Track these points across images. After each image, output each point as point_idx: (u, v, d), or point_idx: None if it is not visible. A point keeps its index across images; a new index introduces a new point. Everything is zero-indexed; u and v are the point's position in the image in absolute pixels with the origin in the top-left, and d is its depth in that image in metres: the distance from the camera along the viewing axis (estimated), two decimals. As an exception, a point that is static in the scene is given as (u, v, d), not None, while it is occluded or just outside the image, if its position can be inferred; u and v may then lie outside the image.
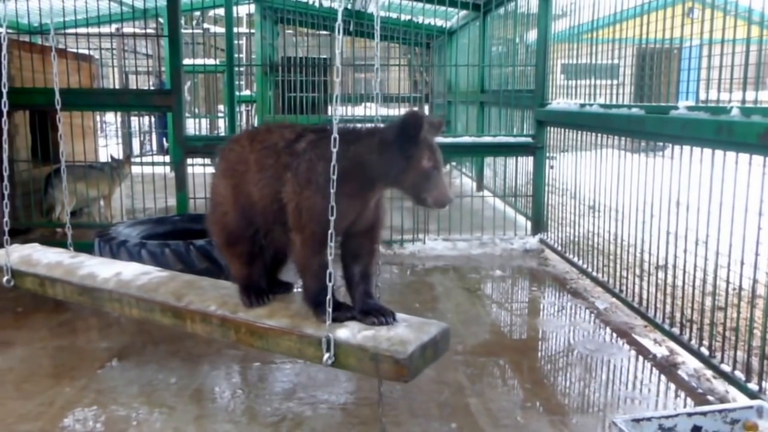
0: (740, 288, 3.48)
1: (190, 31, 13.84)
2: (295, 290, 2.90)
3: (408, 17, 9.28)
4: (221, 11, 10.47)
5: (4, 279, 3.43)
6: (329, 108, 11.27)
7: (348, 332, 2.40)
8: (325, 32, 11.32)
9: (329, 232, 2.30)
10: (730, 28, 3.28)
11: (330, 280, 2.36)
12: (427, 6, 7.81)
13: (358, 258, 2.55)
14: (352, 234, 2.52)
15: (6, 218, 3.63)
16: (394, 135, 2.33)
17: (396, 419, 2.93)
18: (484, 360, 3.62)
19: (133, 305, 2.99)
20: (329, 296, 2.36)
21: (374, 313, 2.45)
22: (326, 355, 2.37)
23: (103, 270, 3.25)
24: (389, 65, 10.52)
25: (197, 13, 14.14)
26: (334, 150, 2.26)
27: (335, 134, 2.28)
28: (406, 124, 2.30)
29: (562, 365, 3.62)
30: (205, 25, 15.02)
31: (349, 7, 9.78)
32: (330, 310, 2.36)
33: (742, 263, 3.12)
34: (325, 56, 11.82)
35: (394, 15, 9.63)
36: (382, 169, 2.37)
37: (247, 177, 2.60)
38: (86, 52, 8.37)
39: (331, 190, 2.26)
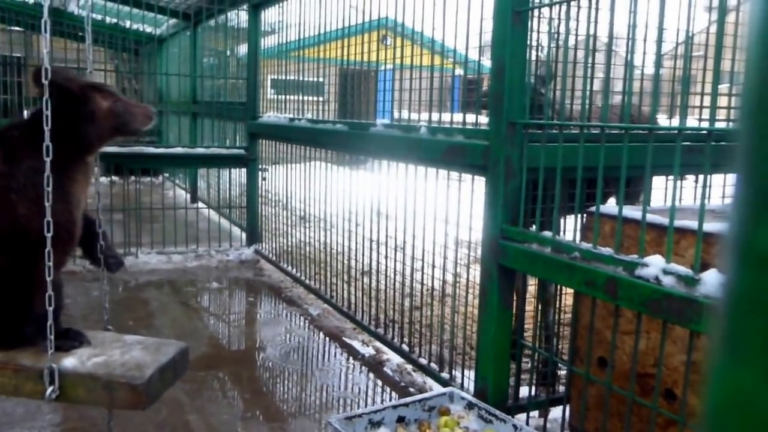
0: (432, 288, 3.92)
1: None
2: None
3: (114, 20, 8.76)
4: None
5: None
6: (25, 112, 10.23)
7: (75, 360, 2.19)
8: (18, 28, 10.23)
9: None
10: (417, 56, 3.69)
11: (51, 304, 2.13)
12: (135, 10, 7.44)
13: None
14: None
15: None
16: (57, 109, 2.18)
17: (107, 450, 2.77)
18: (204, 374, 3.57)
19: None
20: (50, 321, 2.13)
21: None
22: (49, 389, 2.13)
23: None
24: (94, 70, 9.82)
25: None
26: (48, 160, 2.05)
27: (47, 142, 2.06)
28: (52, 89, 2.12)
29: (279, 372, 3.72)
30: None
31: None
32: (52, 337, 2.14)
33: (434, 266, 3.53)
34: (18, 54, 10.69)
35: (99, 17, 9.01)
36: (84, 140, 2.24)
37: None
38: None
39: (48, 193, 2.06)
